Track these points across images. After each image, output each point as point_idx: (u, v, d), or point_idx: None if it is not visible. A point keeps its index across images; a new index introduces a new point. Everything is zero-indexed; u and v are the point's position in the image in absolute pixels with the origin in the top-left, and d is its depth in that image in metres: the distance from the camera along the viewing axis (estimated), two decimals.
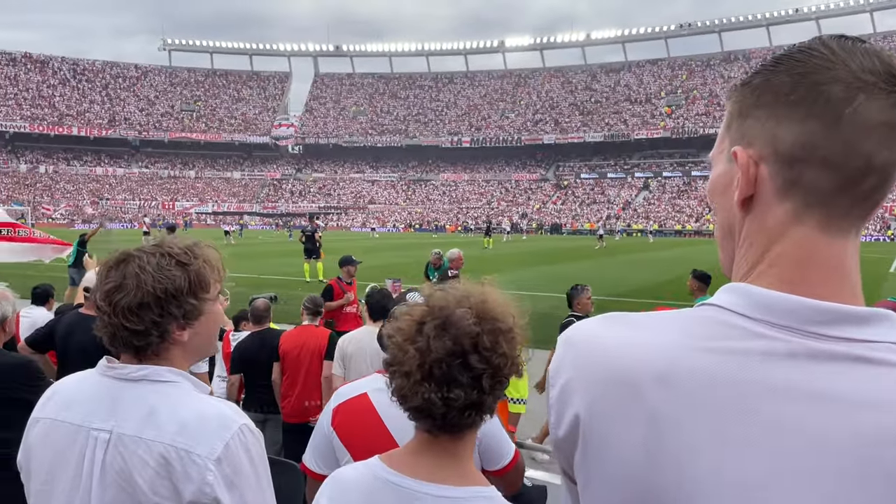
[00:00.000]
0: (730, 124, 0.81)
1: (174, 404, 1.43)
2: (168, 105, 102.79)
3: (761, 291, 0.73)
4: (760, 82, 0.76)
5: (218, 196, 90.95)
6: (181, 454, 1.37)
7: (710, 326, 0.73)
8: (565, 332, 0.82)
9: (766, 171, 0.74)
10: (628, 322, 0.79)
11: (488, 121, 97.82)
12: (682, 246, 44.37)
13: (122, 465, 1.40)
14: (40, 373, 3.43)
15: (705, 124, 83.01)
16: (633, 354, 0.74)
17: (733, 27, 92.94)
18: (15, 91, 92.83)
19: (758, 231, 0.76)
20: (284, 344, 5.44)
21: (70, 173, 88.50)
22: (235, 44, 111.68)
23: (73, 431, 1.46)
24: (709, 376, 0.70)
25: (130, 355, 1.50)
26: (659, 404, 0.71)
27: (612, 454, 0.73)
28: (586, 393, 0.76)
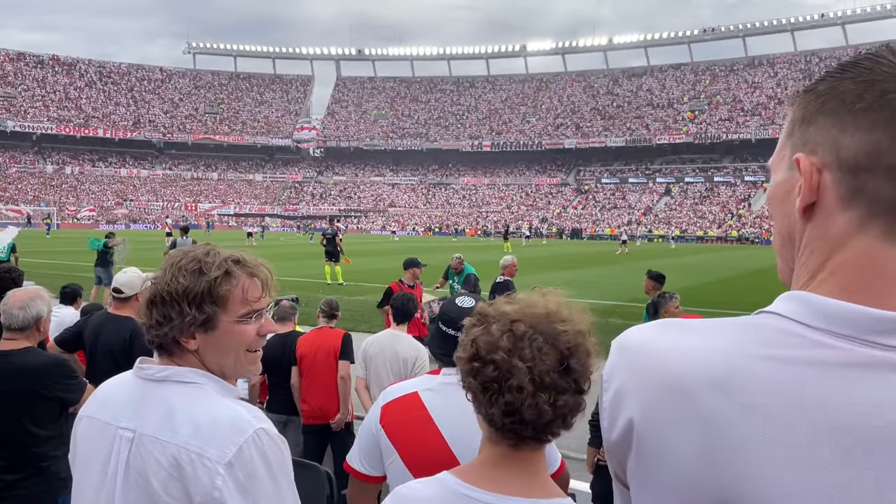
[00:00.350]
0: (792, 131, 0.79)
1: (191, 406, 1.42)
2: (192, 107, 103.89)
3: (821, 300, 0.72)
4: (826, 89, 0.75)
5: (240, 198, 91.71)
6: (192, 457, 1.36)
7: (769, 334, 0.73)
8: (619, 338, 0.82)
9: (830, 179, 0.74)
10: (683, 328, 0.79)
11: (509, 125, 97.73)
12: (704, 252, 43.97)
13: (141, 465, 1.41)
14: (74, 372, 3.48)
15: (728, 129, 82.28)
16: (689, 360, 0.74)
17: (757, 32, 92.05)
18: (42, 93, 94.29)
19: (819, 239, 0.75)
20: (301, 347, 5.48)
21: (95, 174, 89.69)
22: (259, 47, 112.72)
23: (104, 429, 1.48)
24: (766, 384, 0.69)
25: (158, 355, 1.52)
26: (714, 410, 0.70)
27: (667, 459, 0.74)
28: (640, 397, 0.76)
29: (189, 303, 1.45)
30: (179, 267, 1.48)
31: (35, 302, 3.37)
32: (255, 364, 1.56)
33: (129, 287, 4.48)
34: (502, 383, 1.20)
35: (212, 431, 1.37)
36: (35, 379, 3.26)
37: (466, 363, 1.26)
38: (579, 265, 29.90)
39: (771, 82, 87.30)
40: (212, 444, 1.36)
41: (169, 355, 1.50)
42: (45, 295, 3.51)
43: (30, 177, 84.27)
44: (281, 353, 5.58)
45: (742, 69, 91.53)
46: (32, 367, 3.28)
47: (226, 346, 1.49)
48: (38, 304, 3.37)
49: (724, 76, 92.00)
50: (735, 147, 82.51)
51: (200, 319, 1.45)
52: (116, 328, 4.40)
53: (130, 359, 4.37)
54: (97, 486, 1.46)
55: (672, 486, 0.73)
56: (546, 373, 1.21)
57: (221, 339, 1.48)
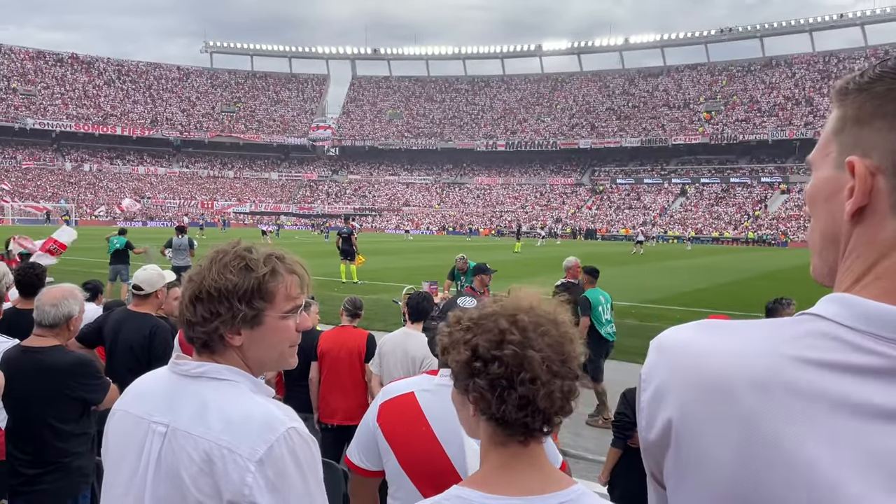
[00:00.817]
0: (842, 128, 0.77)
1: (225, 402, 1.43)
2: (209, 106, 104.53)
3: (865, 302, 0.71)
4: (884, 90, 0.73)
5: (255, 196, 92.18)
6: (223, 452, 1.36)
7: (810, 336, 0.72)
8: (657, 338, 0.82)
9: (883, 184, 0.72)
10: (722, 328, 0.78)
11: (524, 125, 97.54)
12: (720, 253, 43.72)
13: (173, 460, 1.42)
14: (98, 372, 3.50)
15: (745, 130, 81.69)
16: (729, 360, 0.73)
17: (775, 32, 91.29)
18: (62, 91, 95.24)
19: (868, 244, 0.74)
20: (323, 344, 5.52)
21: (113, 172, 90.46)
22: (275, 46, 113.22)
23: (137, 422, 1.50)
24: (807, 386, 0.69)
25: (196, 352, 1.53)
26: (754, 410, 0.70)
27: (705, 458, 0.73)
28: (679, 397, 0.76)
29: (239, 299, 1.45)
30: (225, 264, 1.47)
31: (67, 300, 3.38)
32: (294, 357, 1.60)
33: (148, 284, 4.53)
34: (513, 377, 1.21)
35: (244, 428, 1.37)
36: (61, 378, 3.28)
37: (465, 366, 1.25)
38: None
39: (788, 83, 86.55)
40: (243, 440, 1.36)
41: (210, 352, 1.50)
42: (78, 294, 3.51)
43: (49, 174, 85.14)
44: (300, 350, 5.64)
45: (759, 69, 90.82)
46: (60, 365, 3.30)
47: (271, 342, 1.51)
48: (70, 302, 3.38)
49: (741, 76, 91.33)
50: (752, 148, 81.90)
51: (250, 315, 1.46)
52: (136, 325, 4.45)
53: (150, 355, 4.43)
54: (128, 478, 1.47)
55: (709, 486, 0.73)
56: (553, 362, 1.23)
57: (267, 334, 1.50)
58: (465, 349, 1.25)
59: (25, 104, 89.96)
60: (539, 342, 1.24)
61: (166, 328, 4.50)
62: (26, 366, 3.27)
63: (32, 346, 3.34)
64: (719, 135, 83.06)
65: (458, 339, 1.27)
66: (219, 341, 1.48)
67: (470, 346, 1.25)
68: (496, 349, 1.23)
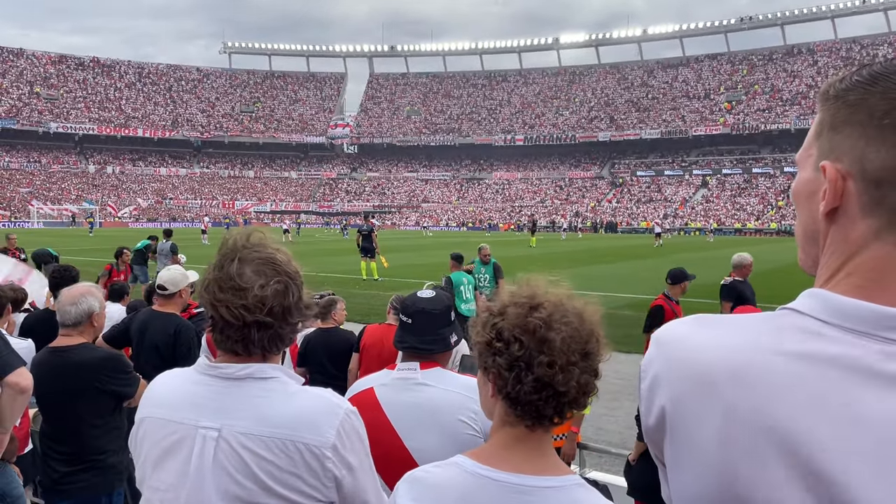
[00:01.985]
0: (820, 132, 0.82)
1: (282, 398, 1.51)
2: (228, 106, 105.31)
3: (837, 297, 0.76)
4: (856, 100, 0.78)
5: (275, 195, 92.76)
6: (299, 446, 1.45)
7: (787, 329, 0.77)
8: (657, 332, 0.88)
9: (853, 188, 0.77)
10: (712, 323, 0.83)
11: (542, 118, 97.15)
12: (743, 245, 43.26)
13: (238, 460, 1.46)
14: (128, 366, 3.57)
15: (767, 120, 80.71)
16: (712, 353, 0.79)
17: (796, 20, 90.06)
18: (84, 94, 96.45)
19: (841, 242, 0.79)
20: (368, 337, 5.55)
21: (135, 174, 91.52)
22: (293, 46, 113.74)
23: (180, 429, 1.52)
24: (782, 377, 0.73)
25: (233, 354, 1.55)
26: (733, 400, 0.75)
27: (694, 445, 0.79)
28: (670, 388, 0.82)
29: (307, 309, 1.62)
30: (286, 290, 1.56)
31: (86, 298, 3.44)
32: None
33: (172, 284, 4.60)
34: (532, 359, 1.25)
35: (311, 419, 1.47)
36: (91, 374, 3.34)
37: (486, 346, 1.30)
38: (617, 259, 29.67)
39: (811, 71, 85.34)
40: (314, 431, 1.46)
41: (264, 355, 1.56)
42: (96, 291, 3.57)
43: (73, 177, 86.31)
44: (324, 348, 5.69)
45: (780, 58, 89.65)
46: (88, 362, 3.36)
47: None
48: (88, 299, 3.44)
49: (763, 65, 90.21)
50: (774, 137, 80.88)
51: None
52: (161, 325, 4.52)
53: (175, 354, 4.49)
54: (176, 486, 1.50)
55: (698, 470, 0.78)
56: (573, 352, 1.27)
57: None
58: (491, 331, 1.30)
59: (49, 108, 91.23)
60: (561, 329, 1.28)
61: (190, 327, 4.58)
62: (56, 366, 3.34)
63: (60, 346, 3.41)
64: (741, 125, 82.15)
65: (486, 321, 1.33)
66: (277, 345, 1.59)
67: (496, 329, 1.30)
68: (518, 331, 1.28)
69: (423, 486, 1.31)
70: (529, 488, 1.27)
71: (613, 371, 9.20)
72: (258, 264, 1.54)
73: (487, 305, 1.36)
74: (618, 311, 14.48)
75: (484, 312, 1.36)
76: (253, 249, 1.57)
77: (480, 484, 1.28)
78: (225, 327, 1.53)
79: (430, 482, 1.31)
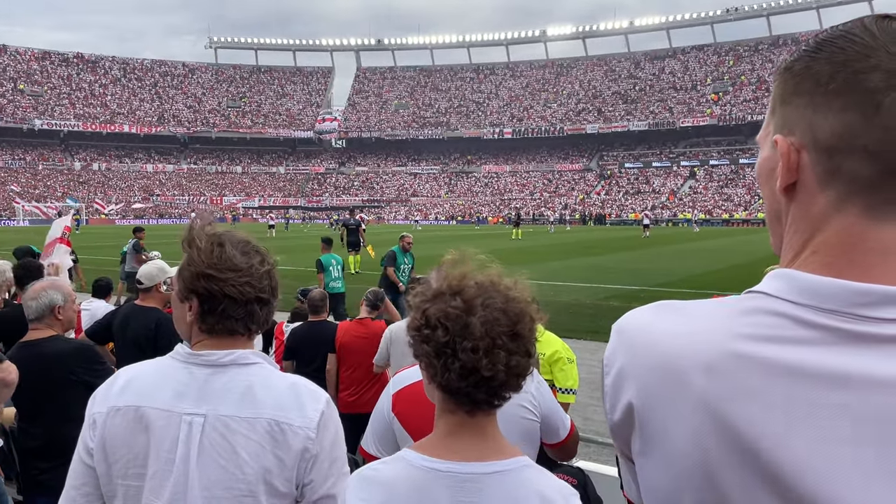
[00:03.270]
0: (773, 109, 0.81)
1: (266, 382, 1.56)
2: (215, 102, 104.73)
3: (805, 276, 0.73)
4: (801, 69, 0.76)
5: (263, 191, 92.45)
6: (283, 426, 1.50)
7: (755, 313, 0.74)
8: (618, 322, 0.84)
9: (807, 160, 0.75)
10: (677, 310, 0.80)
11: (530, 111, 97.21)
12: (728, 235, 43.51)
13: (224, 444, 1.50)
14: (99, 356, 3.56)
15: (753, 110, 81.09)
16: (680, 342, 0.75)
17: (782, 10, 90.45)
18: (68, 91, 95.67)
19: (802, 218, 0.77)
20: (342, 336, 5.54)
21: (122, 170, 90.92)
22: (279, 40, 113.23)
23: (164, 417, 1.53)
24: (754, 364, 0.70)
25: (227, 335, 1.60)
26: (706, 392, 0.72)
27: (665, 438, 0.76)
28: (638, 380, 0.78)
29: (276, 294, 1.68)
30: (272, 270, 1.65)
31: (47, 292, 3.44)
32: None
33: (148, 278, 4.57)
34: (456, 346, 1.25)
35: (294, 402, 1.53)
36: (62, 364, 3.34)
37: (417, 332, 1.31)
38: (604, 251, 29.75)
39: None
40: (297, 412, 1.52)
41: (247, 339, 1.63)
42: (61, 284, 3.58)
43: (58, 174, 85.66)
44: (310, 341, 5.68)
45: (766, 49, 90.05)
46: (59, 353, 3.36)
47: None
48: (49, 293, 3.44)
49: (749, 56, 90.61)
50: (760, 128, 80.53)
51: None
52: (142, 319, 4.49)
53: (156, 347, 4.46)
54: (162, 473, 1.51)
55: (670, 463, 0.75)
56: (499, 335, 1.26)
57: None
58: (421, 317, 1.31)
59: (33, 105, 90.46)
60: (483, 313, 1.27)
61: (171, 321, 4.55)
62: (28, 359, 3.32)
63: (30, 340, 3.41)
64: (727, 116, 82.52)
65: (417, 306, 1.33)
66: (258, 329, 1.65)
67: (425, 315, 1.30)
68: (442, 317, 1.27)
69: (372, 483, 1.31)
70: (476, 475, 1.27)
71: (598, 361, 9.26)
72: (243, 246, 1.61)
73: (426, 282, 1.37)
74: (605, 302, 14.53)
75: (416, 297, 1.35)
76: (229, 236, 1.62)
77: (428, 477, 1.28)
78: (228, 306, 1.57)
79: (378, 479, 1.31)
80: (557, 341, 4.83)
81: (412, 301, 1.36)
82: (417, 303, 1.33)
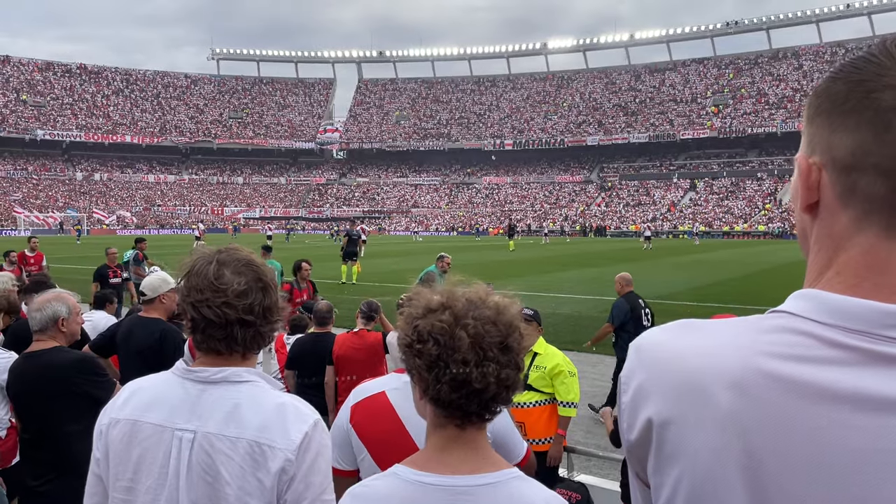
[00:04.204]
0: (803, 130, 0.82)
1: (254, 402, 1.55)
2: (217, 113, 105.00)
3: (832, 297, 0.72)
4: (822, 90, 0.77)
5: (265, 201, 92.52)
6: (263, 448, 1.48)
7: (782, 333, 0.73)
8: (636, 340, 0.83)
9: (827, 179, 0.75)
10: (697, 328, 0.79)
11: (531, 123, 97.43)
12: (729, 248, 43.50)
13: (209, 462, 1.50)
14: (101, 368, 3.56)
15: (753, 123, 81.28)
16: (705, 360, 0.74)
17: (782, 24, 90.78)
18: (71, 101, 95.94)
19: (825, 237, 0.77)
20: (339, 348, 5.55)
21: (123, 180, 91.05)
22: (281, 52, 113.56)
23: (158, 432, 1.55)
24: (782, 384, 0.69)
25: (215, 354, 1.60)
26: (731, 411, 0.71)
27: (685, 457, 0.74)
28: (658, 397, 0.77)
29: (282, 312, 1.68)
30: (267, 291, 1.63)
31: (51, 303, 3.46)
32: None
33: (151, 289, 4.58)
34: (447, 358, 1.27)
35: (279, 423, 1.51)
36: (64, 375, 3.34)
37: (409, 347, 1.32)
38: (605, 262, 29.74)
39: (796, 74, 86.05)
40: (281, 433, 1.50)
41: (243, 357, 1.62)
42: (65, 296, 3.59)
43: (60, 184, 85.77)
44: (312, 352, 5.69)
45: (766, 62, 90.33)
46: (60, 364, 3.37)
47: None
48: (54, 304, 3.45)
49: (748, 69, 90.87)
50: (761, 141, 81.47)
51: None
52: (146, 330, 4.49)
53: (161, 359, 4.49)
54: (155, 488, 1.53)
55: (688, 483, 0.74)
56: (489, 347, 1.28)
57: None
58: (413, 332, 1.32)
59: (35, 115, 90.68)
60: (474, 325, 1.29)
61: (176, 332, 4.55)
62: (30, 370, 3.35)
63: (32, 352, 3.42)
64: (727, 128, 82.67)
65: (408, 322, 1.35)
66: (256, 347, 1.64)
67: (416, 330, 1.32)
68: (433, 331, 1.29)
69: (365, 500, 1.33)
70: (467, 488, 1.28)
71: (601, 374, 9.21)
72: (237, 266, 1.60)
73: (415, 297, 1.38)
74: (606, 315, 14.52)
75: (407, 313, 1.37)
76: (229, 253, 1.63)
77: (420, 491, 1.29)
78: (207, 327, 1.57)
79: (370, 496, 1.33)
80: (559, 354, 4.85)
81: (403, 317, 1.37)
82: (408, 318, 1.34)
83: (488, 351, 1.27)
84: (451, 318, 1.30)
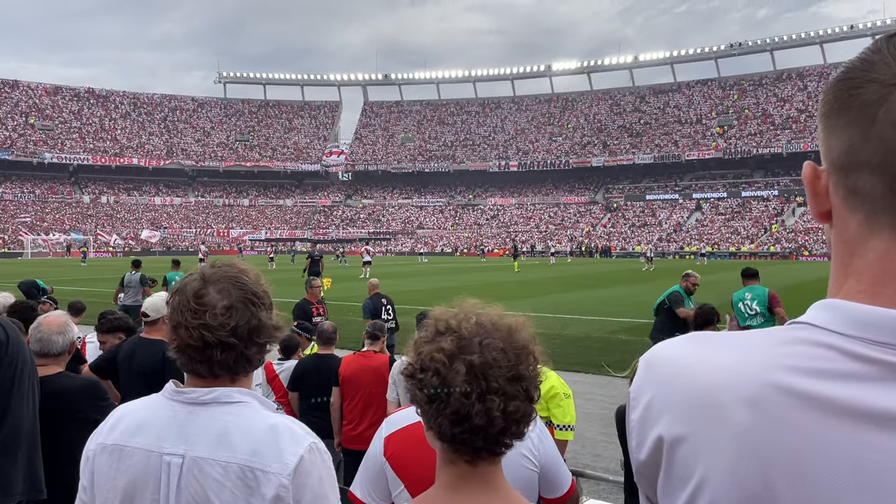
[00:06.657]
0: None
1: (245, 424, 1.45)
2: (223, 135, 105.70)
3: (854, 306, 0.69)
4: (823, 100, 0.76)
5: (270, 223, 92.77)
6: (256, 473, 1.40)
7: (802, 345, 0.70)
8: (645, 355, 0.81)
9: (832, 183, 0.74)
10: (710, 341, 0.76)
11: (536, 145, 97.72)
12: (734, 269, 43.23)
13: (198, 488, 1.42)
14: (106, 394, 3.52)
15: (758, 144, 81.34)
16: (720, 375, 0.71)
17: (785, 45, 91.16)
18: (79, 125, 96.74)
19: (840, 243, 0.75)
20: (345, 370, 5.48)
21: (130, 203, 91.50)
22: (287, 75, 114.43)
23: (146, 457, 1.48)
24: (801, 401, 0.66)
25: (199, 377, 1.52)
26: (746, 429, 0.68)
27: (698, 475, 0.71)
28: (670, 413, 0.74)
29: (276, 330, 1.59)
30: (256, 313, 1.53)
31: (70, 327, 3.45)
32: None
33: (154, 310, 4.54)
34: (448, 390, 1.17)
35: (272, 447, 1.42)
36: (71, 401, 3.30)
37: (411, 377, 1.23)
38: (611, 283, 29.63)
39: (801, 95, 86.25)
40: (274, 458, 1.41)
41: (232, 378, 1.53)
42: (70, 319, 3.65)
43: (67, 207, 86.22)
44: (314, 374, 5.62)
45: (771, 83, 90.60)
46: (67, 390, 3.32)
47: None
48: (72, 328, 3.46)
49: (753, 90, 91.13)
50: (766, 161, 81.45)
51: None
52: (148, 352, 4.44)
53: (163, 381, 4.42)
54: None
55: (703, 501, 0.71)
56: (495, 378, 1.17)
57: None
58: (416, 360, 1.24)
59: (43, 139, 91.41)
60: (480, 354, 1.19)
61: None
62: None
63: (41, 377, 3.34)
64: (732, 149, 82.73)
65: (413, 349, 1.27)
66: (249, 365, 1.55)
67: (420, 358, 1.23)
68: (434, 360, 1.20)
69: None
70: None
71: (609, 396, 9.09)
72: (223, 284, 1.51)
73: (426, 324, 1.28)
74: (612, 336, 14.41)
75: (416, 337, 1.29)
76: (219, 270, 1.55)
77: None
78: (186, 348, 1.49)
79: None
80: (553, 376, 4.64)
81: (412, 341, 1.30)
82: (415, 343, 1.26)
83: (492, 382, 1.16)
84: (454, 347, 1.19)
